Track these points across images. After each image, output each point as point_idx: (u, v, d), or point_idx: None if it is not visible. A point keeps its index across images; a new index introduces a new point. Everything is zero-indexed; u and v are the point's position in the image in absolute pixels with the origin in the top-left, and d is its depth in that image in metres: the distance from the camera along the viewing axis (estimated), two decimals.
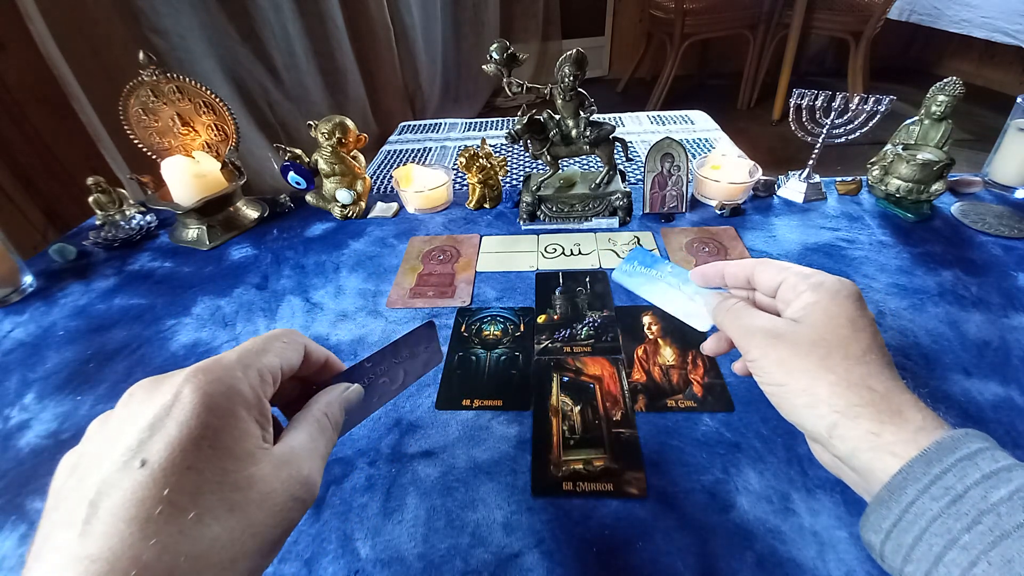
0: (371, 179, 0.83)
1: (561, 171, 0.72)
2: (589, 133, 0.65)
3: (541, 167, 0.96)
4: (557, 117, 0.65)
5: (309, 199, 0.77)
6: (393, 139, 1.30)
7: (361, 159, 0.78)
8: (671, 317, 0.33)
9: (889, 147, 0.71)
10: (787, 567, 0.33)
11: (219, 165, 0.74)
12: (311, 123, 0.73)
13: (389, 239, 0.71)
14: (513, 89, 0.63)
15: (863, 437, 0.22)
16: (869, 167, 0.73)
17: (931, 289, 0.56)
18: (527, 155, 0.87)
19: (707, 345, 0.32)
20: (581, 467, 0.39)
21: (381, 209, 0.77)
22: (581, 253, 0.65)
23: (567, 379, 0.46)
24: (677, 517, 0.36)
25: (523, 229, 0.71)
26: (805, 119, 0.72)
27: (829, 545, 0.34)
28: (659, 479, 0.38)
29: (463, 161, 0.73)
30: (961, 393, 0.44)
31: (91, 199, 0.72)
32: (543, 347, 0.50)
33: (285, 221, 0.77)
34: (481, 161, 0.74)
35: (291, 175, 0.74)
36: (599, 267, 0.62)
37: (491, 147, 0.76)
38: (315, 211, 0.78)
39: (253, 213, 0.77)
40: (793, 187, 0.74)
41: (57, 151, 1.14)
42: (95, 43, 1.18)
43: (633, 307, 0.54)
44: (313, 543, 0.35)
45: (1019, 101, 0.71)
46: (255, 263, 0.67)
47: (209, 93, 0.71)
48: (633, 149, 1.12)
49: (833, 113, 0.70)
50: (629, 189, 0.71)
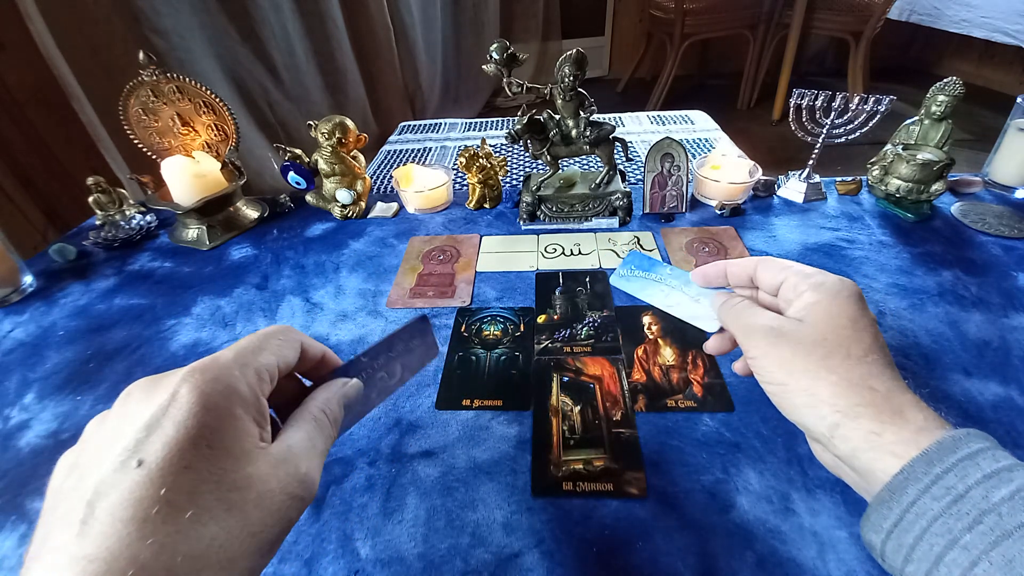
0: (371, 179, 0.83)
1: (561, 171, 0.72)
2: (589, 133, 0.65)
3: (541, 167, 0.96)
4: (557, 117, 0.65)
5: (309, 199, 0.77)
6: (393, 139, 1.30)
7: (361, 159, 0.78)
8: (671, 317, 0.33)
9: (889, 147, 0.71)
10: (787, 567, 0.33)
11: (219, 165, 0.74)
12: (311, 123, 0.73)
13: (389, 239, 0.71)
14: (513, 89, 0.63)
15: (864, 437, 0.22)
16: (869, 167, 0.73)
17: (931, 289, 0.56)
18: (527, 155, 0.87)
19: (710, 344, 0.32)
20: (581, 467, 0.39)
21: (381, 209, 0.77)
22: (581, 253, 0.65)
23: (567, 379, 0.46)
24: (677, 517, 0.36)
25: (523, 229, 0.71)
26: (805, 119, 0.72)
27: (829, 545, 0.33)
28: (659, 479, 0.38)
29: (463, 161, 0.73)
30: (961, 393, 0.44)
31: (91, 199, 0.72)
32: (543, 347, 0.50)
33: (285, 221, 0.77)
34: (481, 161, 0.74)
35: (291, 175, 0.74)
36: (599, 267, 0.62)
37: (491, 147, 0.76)
38: (315, 211, 0.78)
39: (253, 213, 0.77)
40: (793, 187, 0.74)
41: (57, 151, 1.14)
42: (95, 43, 1.18)
43: (633, 307, 0.54)
44: (313, 543, 0.35)
45: (1019, 101, 0.71)
46: (255, 263, 0.67)
47: (209, 93, 0.71)
48: (633, 149, 1.12)
49: (833, 113, 0.70)
50: (629, 189, 0.71)
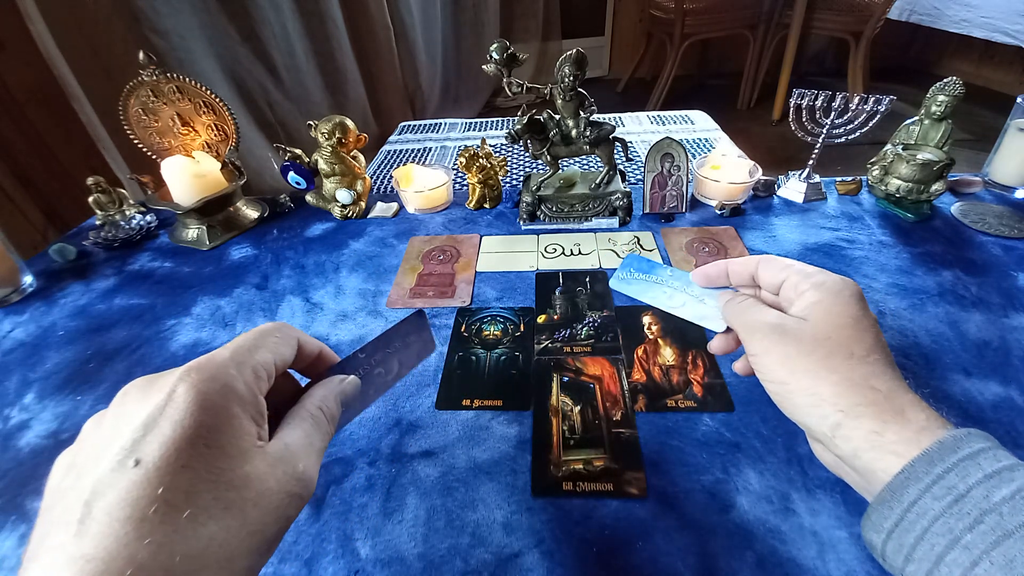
0: (371, 179, 0.83)
1: (561, 171, 0.72)
2: (589, 133, 0.65)
3: (541, 167, 0.96)
4: (557, 117, 0.65)
5: (309, 199, 0.77)
6: (393, 139, 1.30)
7: (361, 159, 0.78)
8: (671, 317, 0.33)
9: (889, 147, 0.71)
10: (787, 567, 0.32)
11: (219, 165, 0.74)
12: (311, 123, 0.73)
13: (389, 239, 0.71)
14: (513, 89, 0.63)
15: (865, 437, 0.22)
16: (869, 167, 0.73)
17: (931, 289, 0.56)
18: (527, 155, 0.87)
19: (714, 344, 0.32)
20: (581, 467, 0.39)
21: (381, 209, 0.77)
22: (581, 253, 0.65)
23: (567, 379, 0.46)
24: (677, 517, 0.35)
25: (523, 229, 0.71)
26: (805, 119, 0.72)
27: (829, 545, 0.33)
28: (659, 479, 0.38)
29: (463, 161, 0.73)
30: (961, 393, 0.44)
31: (91, 199, 0.72)
32: (543, 347, 0.50)
33: (285, 221, 0.77)
34: (481, 161, 0.74)
35: (291, 175, 0.74)
36: (599, 267, 0.62)
37: (491, 147, 0.76)
38: (315, 211, 0.78)
39: (253, 213, 0.77)
40: (793, 187, 0.74)
41: (57, 151, 1.14)
42: (95, 43, 1.18)
43: (633, 307, 0.54)
44: (313, 543, 0.35)
45: (1019, 101, 0.71)
46: (255, 263, 0.67)
47: (209, 93, 0.71)
48: (633, 149, 1.12)
49: (833, 113, 0.70)
50: (629, 189, 0.71)
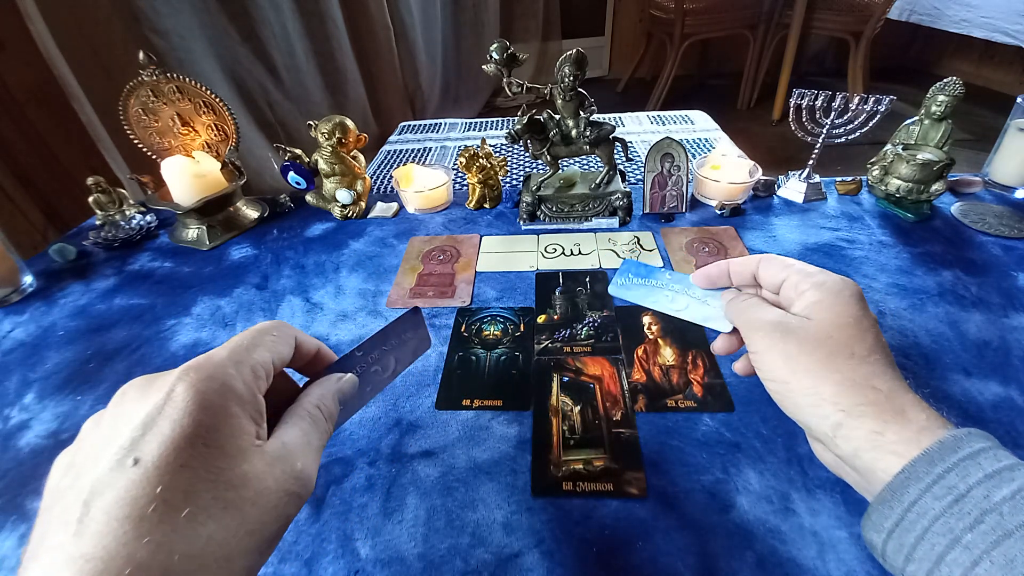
0: (371, 179, 0.83)
1: (561, 171, 0.72)
2: (589, 133, 0.65)
3: (541, 167, 0.96)
4: (557, 117, 0.65)
5: (309, 199, 0.77)
6: (393, 139, 1.30)
7: (361, 159, 0.78)
8: (671, 317, 0.33)
9: (889, 147, 0.71)
10: (787, 567, 0.32)
11: (219, 165, 0.74)
12: (311, 123, 0.73)
13: (389, 239, 0.71)
14: (513, 89, 0.63)
15: (866, 436, 0.22)
16: (869, 167, 0.73)
17: (931, 289, 0.56)
18: (527, 155, 0.87)
19: (717, 344, 0.32)
20: (581, 467, 0.39)
21: (381, 209, 0.77)
22: (581, 253, 0.65)
23: (567, 379, 0.46)
24: (677, 517, 0.35)
25: (523, 229, 0.71)
26: (805, 119, 0.72)
27: (829, 545, 0.33)
28: (659, 479, 0.38)
29: (463, 161, 0.73)
30: (961, 393, 0.44)
31: (91, 199, 0.72)
32: (543, 347, 0.50)
33: (285, 221, 0.77)
34: (481, 161, 0.74)
35: (291, 175, 0.74)
36: (599, 267, 0.62)
37: (491, 147, 0.76)
38: (315, 211, 0.78)
39: (253, 213, 0.77)
40: (793, 187, 0.74)
41: (57, 151, 1.14)
42: (95, 43, 1.18)
43: (633, 307, 0.54)
44: (313, 543, 0.35)
45: (1019, 101, 0.71)
46: (255, 263, 0.67)
47: (209, 93, 0.71)
48: (633, 149, 1.12)
49: (833, 113, 0.70)
50: (629, 189, 0.71)
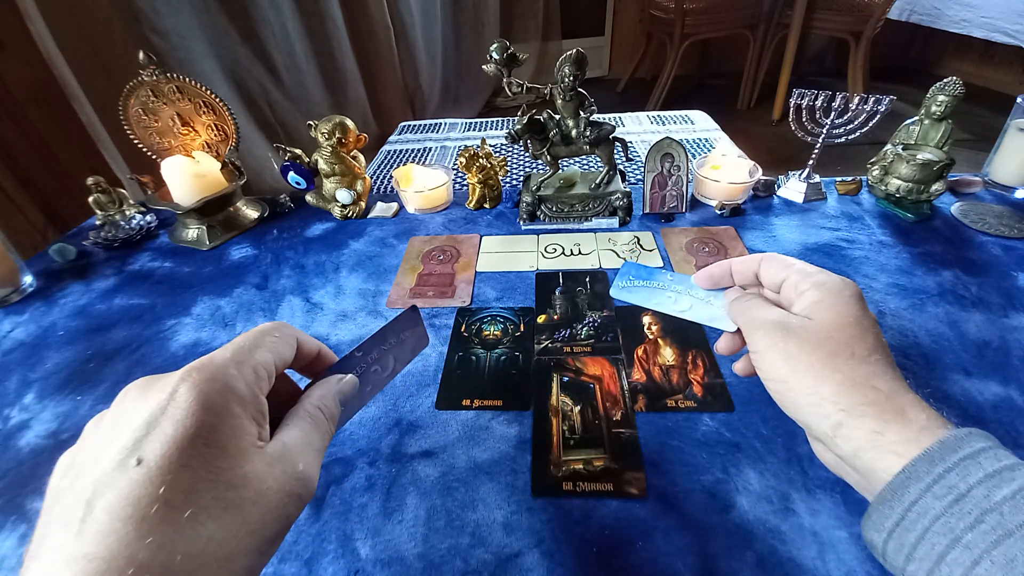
0: (371, 179, 0.83)
1: (561, 171, 0.72)
2: (589, 133, 0.65)
3: (541, 167, 0.96)
4: (557, 117, 0.65)
5: (309, 199, 0.77)
6: (393, 139, 1.30)
7: (361, 159, 0.78)
8: (671, 317, 0.33)
9: (889, 147, 0.71)
10: (787, 567, 0.32)
11: (219, 165, 0.74)
12: (311, 123, 0.73)
13: (389, 239, 0.71)
14: (513, 89, 0.63)
15: (867, 436, 0.22)
16: (869, 167, 0.73)
17: (931, 289, 0.56)
18: (527, 155, 0.87)
19: (721, 344, 0.32)
20: (581, 467, 0.39)
21: (381, 209, 0.77)
22: (581, 253, 0.65)
23: (567, 379, 0.46)
24: (677, 517, 0.35)
25: (523, 229, 0.71)
26: (805, 119, 0.72)
27: (829, 545, 0.33)
28: (659, 479, 0.38)
29: (463, 161, 0.73)
30: (961, 393, 0.44)
31: (91, 199, 0.72)
32: (543, 347, 0.50)
33: (285, 221, 0.77)
34: (481, 161, 0.74)
35: (291, 175, 0.74)
36: (599, 267, 0.62)
37: (491, 147, 0.76)
38: (315, 211, 0.78)
39: (253, 213, 0.77)
40: (793, 187, 0.74)
41: (57, 151, 1.14)
42: (95, 43, 1.18)
43: (633, 307, 0.54)
44: (313, 543, 0.35)
45: (1019, 101, 0.71)
46: (255, 263, 0.67)
47: (209, 93, 0.71)
48: (633, 149, 1.12)
49: (833, 113, 0.70)
50: (629, 189, 0.71)
